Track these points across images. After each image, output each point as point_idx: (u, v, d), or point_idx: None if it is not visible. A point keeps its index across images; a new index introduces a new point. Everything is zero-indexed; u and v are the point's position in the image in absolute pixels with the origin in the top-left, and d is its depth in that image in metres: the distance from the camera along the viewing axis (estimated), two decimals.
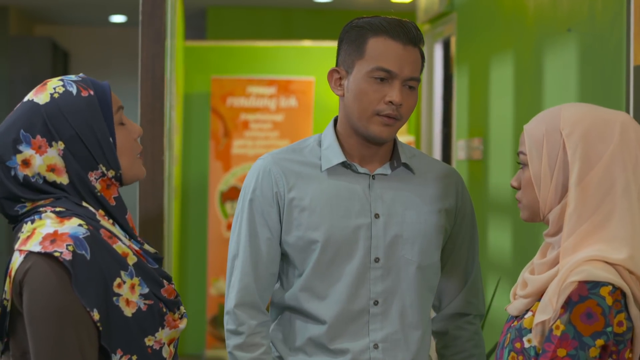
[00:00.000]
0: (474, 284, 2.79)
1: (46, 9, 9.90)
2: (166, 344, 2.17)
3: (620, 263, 2.10)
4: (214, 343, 8.21)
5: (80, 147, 2.17)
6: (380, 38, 2.62)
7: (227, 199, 8.27)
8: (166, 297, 2.18)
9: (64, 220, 2.11)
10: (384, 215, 2.65)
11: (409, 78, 2.61)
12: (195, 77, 8.46)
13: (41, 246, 2.06)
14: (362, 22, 2.67)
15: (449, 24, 6.41)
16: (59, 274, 2.05)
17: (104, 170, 2.19)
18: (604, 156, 2.16)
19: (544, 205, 2.23)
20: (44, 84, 2.22)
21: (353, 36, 2.66)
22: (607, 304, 2.06)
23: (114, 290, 2.09)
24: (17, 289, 2.08)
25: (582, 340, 2.05)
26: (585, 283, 2.07)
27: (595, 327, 2.05)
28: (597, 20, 3.83)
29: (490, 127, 5.37)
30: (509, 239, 4.94)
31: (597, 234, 2.15)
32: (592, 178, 2.16)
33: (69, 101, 2.18)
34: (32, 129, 2.15)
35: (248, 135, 8.37)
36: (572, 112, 2.22)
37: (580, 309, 2.06)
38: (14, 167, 2.15)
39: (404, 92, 2.60)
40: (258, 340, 2.64)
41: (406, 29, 2.63)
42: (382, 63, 2.59)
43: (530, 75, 4.65)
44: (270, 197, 2.66)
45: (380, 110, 2.59)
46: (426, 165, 2.75)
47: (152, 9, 3.94)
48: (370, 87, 2.60)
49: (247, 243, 2.66)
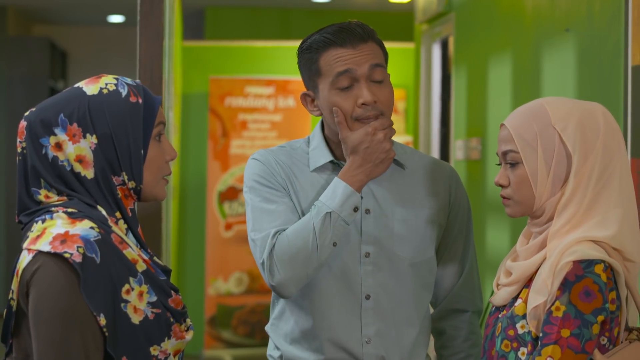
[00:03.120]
0: (469, 279, 2.78)
1: (44, 8, 9.89)
2: (171, 355, 2.14)
3: (604, 240, 2.17)
4: (212, 343, 8.21)
5: (110, 148, 2.14)
6: (328, 51, 2.60)
7: (225, 199, 8.27)
8: (173, 307, 2.15)
9: (75, 222, 2.07)
10: (375, 211, 2.66)
11: (371, 68, 2.59)
12: (194, 77, 8.46)
13: (51, 246, 2.02)
14: (308, 43, 2.64)
15: (447, 24, 6.41)
16: (67, 276, 2.01)
17: (125, 179, 2.16)
18: (596, 145, 2.23)
19: (539, 200, 2.26)
20: (98, 76, 2.20)
21: (305, 60, 2.65)
22: (602, 280, 2.12)
23: (122, 297, 2.06)
24: (24, 288, 2.04)
25: (584, 318, 2.11)
26: (579, 262, 2.13)
27: (594, 304, 2.12)
28: (595, 20, 3.83)
29: (488, 127, 5.38)
30: (507, 239, 4.94)
31: (586, 216, 2.22)
32: (587, 167, 2.22)
33: (114, 100, 2.16)
34: (71, 116, 2.13)
35: (246, 135, 8.37)
36: (559, 107, 2.27)
37: (578, 288, 2.12)
38: (46, 145, 2.12)
39: (373, 88, 2.59)
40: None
41: (350, 31, 2.60)
42: (338, 68, 2.58)
43: (528, 75, 4.65)
44: (274, 180, 2.66)
45: (358, 116, 2.59)
46: (417, 162, 2.75)
47: (150, 9, 3.94)
48: (339, 97, 2.59)
49: (264, 208, 2.63)
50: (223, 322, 8.23)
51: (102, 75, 2.22)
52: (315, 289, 2.64)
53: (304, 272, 2.54)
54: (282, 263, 2.54)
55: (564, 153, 2.23)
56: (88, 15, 10.30)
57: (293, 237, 2.54)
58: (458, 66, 6.07)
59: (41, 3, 9.54)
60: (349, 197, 2.54)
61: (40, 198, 2.14)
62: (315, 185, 2.67)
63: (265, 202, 2.63)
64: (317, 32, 2.65)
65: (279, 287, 2.56)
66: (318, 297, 2.64)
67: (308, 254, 2.53)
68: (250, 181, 2.68)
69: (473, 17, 5.82)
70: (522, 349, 2.21)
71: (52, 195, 2.13)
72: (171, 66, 4.91)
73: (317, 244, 2.53)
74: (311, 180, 2.68)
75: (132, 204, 2.21)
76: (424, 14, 6.77)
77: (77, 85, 2.19)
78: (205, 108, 8.41)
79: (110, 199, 2.16)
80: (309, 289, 2.64)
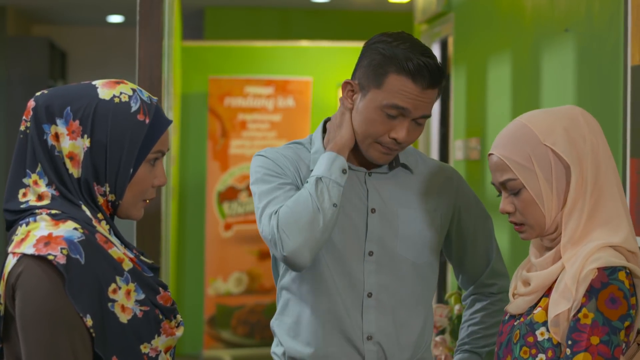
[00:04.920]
0: (496, 269, 2.82)
1: (44, 9, 9.89)
2: (162, 352, 2.13)
3: (621, 244, 2.19)
4: (211, 343, 8.21)
5: (101, 157, 2.13)
6: (401, 77, 2.57)
7: (225, 199, 8.27)
8: (162, 304, 2.14)
9: (59, 223, 2.06)
10: (381, 211, 2.68)
11: (420, 117, 2.61)
12: (193, 77, 8.46)
13: (35, 249, 2.01)
14: (387, 49, 2.59)
15: (446, 24, 6.41)
16: (52, 278, 2.00)
17: (107, 190, 2.15)
18: (586, 149, 2.24)
19: (549, 217, 2.27)
20: (117, 81, 2.18)
21: (375, 61, 2.60)
22: (626, 287, 2.14)
23: (109, 296, 2.05)
24: (10, 292, 2.03)
25: (611, 325, 2.13)
26: (604, 269, 2.14)
27: (620, 311, 2.13)
28: (594, 21, 3.83)
29: (487, 127, 5.38)
30: (507, 239, 4.93)
31: (593, 220, 2.23)
32: (584, 173, 2.23)
33: (121, 112, 2.14)
34: (77, 112, 2.11)
35: (246, 136, 8.37)
36: (541, 123, 2.28)
37: (604, 295, 2.13)
38: (47, 132, 2.12)
39: (411, 127, 2.61)
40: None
41: (430, 72, 2.57)
42: (398, 101, 2.57)
43: (527, 75, 4.65)
44: (281, 171, 2.68)
45: (382, 142, 2.61)
46: (424, 166, 2.78)
47: (150, 9, 3.93)
48: (379, 119, 2.60)
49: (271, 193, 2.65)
50: (222, 322, 8.23)
51: (122, 81, 2.20)
52: (318, 284, 2.66)
53: (312, 235, 2.53)
54: (289, 230, 2.53)
55: (561, 166, 2.24)
56: (87, 15, 10.30)
57: (294, 205, 2.55)
58: (457, 66, 6.07)
59: (40, 3, 9.53)
60: (333, 160, 2.58)
61: (29, 182, 2.12)
62: None
63: (272, 189, 2.64)
64: (397, 41, 2.60)
65: (293, 256, 2.54)
66: (321, 293, 2.66)
67: (311, 216, 2.53)
68: (256, 174, 2.69)
69: (472, 17, 5.82)
70: (540, 356, 2.20)
71: (41, 184, 2.12)
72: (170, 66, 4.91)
73: (317, 205, 2.54)
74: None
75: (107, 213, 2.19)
76: (423, 14, 6.77)
77: (94, 83, 2.18)
78: (204, 108, 8.41)
79: (89, 201, 2.14)
80: (312, 283, 2.66)
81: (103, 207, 2.16)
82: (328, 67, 8.40)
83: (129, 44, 7.54)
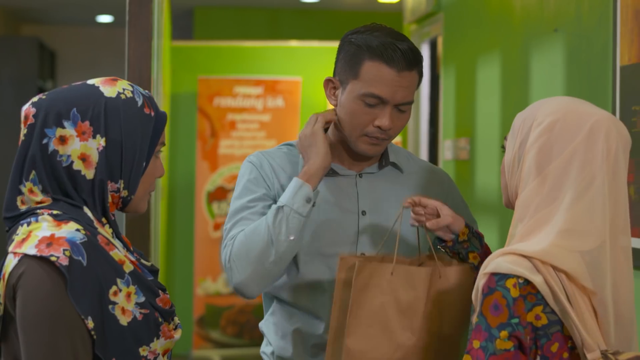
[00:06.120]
0: None
1: (33, 8, 9.87)
2: (160, 355, 2.12)
3: (534, 255, 2.09)
4: (200, 343, 8.20)
5: (116, 154, 2.12)
6: (375, 62, 2.57)
7: (214, 199, 8.27)
8: (161, 307, 2.14)
9: (61, 224, 2.05)
10: (371, 212, 2.68)
11: (401, 103, 2.60)
12: (182, 77, 8.45)
13: (37, 249, 2.00)
14: (360, 39, 2.61)
15: (435, 24, 6.41)
16: (54, 279, 1.99)
17: (121, 187, 2.15)
18: (566, 150, 2.13)
19: (511, 191, 2.24)
20: (113, 79, 2.18)
21: (350, 52, 2.62)
22: (511, 295, 2.07)
23: (110, 299, 2.04)
24: (11, 292, 2.02)
25: (490, 331, 2.08)
26: (493, 275, 2.09)
27: (500, 319, 2.07)
28: (583, 21, 3.83)
29: (477, 127, 5.38)
30: (496, 239, 4.94)
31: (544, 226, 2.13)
32: (552, 170, 2.14)
33: (131, 107, 2.14)
34: (85, 113, 2.10)
35: (235, 136, 8.36)
36: (554, 104, 2.21)
37: (489, 300, 2.09)
38: (50, 137, 2.09)
39: (394, 115, 2.61)
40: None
41: (403, 53, 2.56)
42: (375, 89, 2.57)
43: (517, 75, 4.66)
44: (261, 187, 2.68)
45: (368, 132, 2.62)
46: (414, 165, 2.80)
47: (139, 9, 3.93)
48: (360, 109, 2.60)
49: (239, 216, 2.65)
50: (211, 322, 8.23)
51: (117, 78, 2.20)
52: (309, 285, 2.66)
53: (262, 267, 2.53)
54: (240, 261, 2.54)
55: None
56: (77, 15, 10.28)
57: (250, 234, 2.55)
58: (447, 66, 6.08)
59: (29, 3, 9.52)
60: (298, 189, 2.55)
61: (24, 190, 2.11)
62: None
63: (240, 208, 2.65)
64: (370, 30, 2.61)
65: (240, 288, 2.56)
66: (312, 294, 2.66)
67: (263, 249, 2.52)
68: (237, 186, 2.71)
69: (462, 18, 5.83)
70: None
71: (36, 192, 2.10)
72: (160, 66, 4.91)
73: (271, 238, 2.53)
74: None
75: (114, 211, 2.20)
76: (413, 14, 6.77)
77: (90, 82, 2.17)
78: (193, 108, 8.40)
79: (99, 203, 2.14)
80: (302, 287, 2.66)
81: (112, 204, 2.16)
82: (317, 67, 8.39)
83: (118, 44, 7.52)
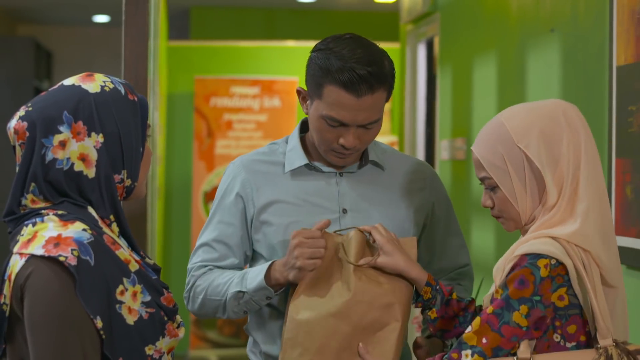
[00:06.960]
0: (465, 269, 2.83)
1: (29, 8, 9.87)
2: (165, 353, 2.12)
3: (563, 237, 2.18)
4: (197, 343, 8.20)
5: (116, 146, 2.12)
6: (334, 87, 2.53)
7: (211, 199, 8.26)
8: (166, 305, 2.13)
9: (67, 224, 2.04)
10: (352, 211, 2.67)
11: (365, 124, 2.56)
12: (179, 77, 8.45)
13: (44, 250, 1.99)
14: (322, 59, 2.56)
15: (432, 24, 6.42)
16: (62, 279, 1.98)
17: (124, 176, 2.15)
18: (562, 152, 2.23)
19: (524, 214, 2.28)
20: (89, 74, 2.17)
21: (313, 71, 2.59)
22: (540, 274, 2.14)
23: (117, 298, 2.04)
24: (18, 293, 2.00)
25: (509, 301, 2.14)
26: (526, 255, 2.16)
27: (523, 293, 2.14)
28: (580, 21, 3.84)
29: (473, 127, 5.38)
30: (492, 239, 4.95)
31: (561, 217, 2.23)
32: (560, 172, 2.23)
33: (118, 98, 2.14)
34: (76, 113, 2.09)
35: (231, 136, 8.36)
36: (518, 122, 2.27)
37: (516, 275, 2.15)
38: (48, 146, 2.07)
39: (360, 132, 2.58)
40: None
41: (362, 79, 2.50)
42: (335, 114, 2.54)
43: (513, 75, 4.66)
44: (239, 217, 2.71)
45: (334, 148, 2.61)
46: (396, 162, 2.77)
47: (135, 9, 3.93)
48: (325, 127, 2.58)
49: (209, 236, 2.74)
50: (208, 322, 8.22)
51: (92, 73, 2.18)
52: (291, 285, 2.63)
53: (215, 315, 2.74)
54: (194, 303, 2.73)
55: (535, 167, 2.24)
56: (73, 15, 10.27)
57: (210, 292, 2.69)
58: (443, 66, 6.08)
59: (26, 3, 9.51)
60: (262, 288, 2.59)
61: (26, 202, 2.10)
62: (291, 190, 2.69)
63: (214, 228, 2.73)
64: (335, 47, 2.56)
65: (197, 316, 2.79)
66: None
67: (217, 310, 2.70)
68: (217, 198, 2.76)
69: (458, 18, 5.83)
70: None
71: (38, 200, 2.10)
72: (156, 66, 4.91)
73: (224, 309, 2.68)
74: (287, 183, 2.70)
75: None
76: (409, 14, 6.78)
77: (68, 82, 2.15)
78: (190, 108, 8.40)
79: (107, 199, 2.13)
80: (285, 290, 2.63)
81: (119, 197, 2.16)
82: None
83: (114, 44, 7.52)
